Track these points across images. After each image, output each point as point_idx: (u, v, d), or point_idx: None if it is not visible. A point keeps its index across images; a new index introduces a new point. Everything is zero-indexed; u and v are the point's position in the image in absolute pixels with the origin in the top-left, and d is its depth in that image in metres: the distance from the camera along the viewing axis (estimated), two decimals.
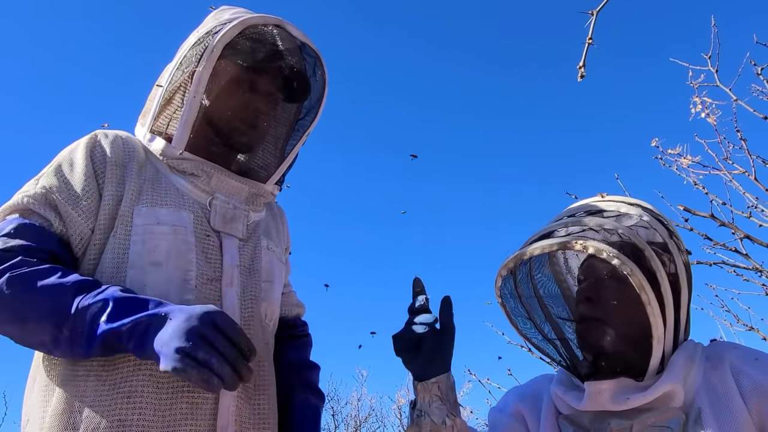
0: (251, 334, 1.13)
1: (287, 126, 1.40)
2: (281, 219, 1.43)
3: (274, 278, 1.26)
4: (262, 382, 1.15)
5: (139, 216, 1.11)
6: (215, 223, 1.18)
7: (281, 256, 1.35)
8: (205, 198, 1.20)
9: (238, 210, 1.23)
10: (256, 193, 1.28)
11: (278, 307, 1.30)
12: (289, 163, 1.36)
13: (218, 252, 1.16)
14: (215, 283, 1.13)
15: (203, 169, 1.20)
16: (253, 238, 1.25)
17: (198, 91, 1.18)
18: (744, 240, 2.83)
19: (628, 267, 0.99)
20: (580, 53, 1.05)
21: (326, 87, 1.35)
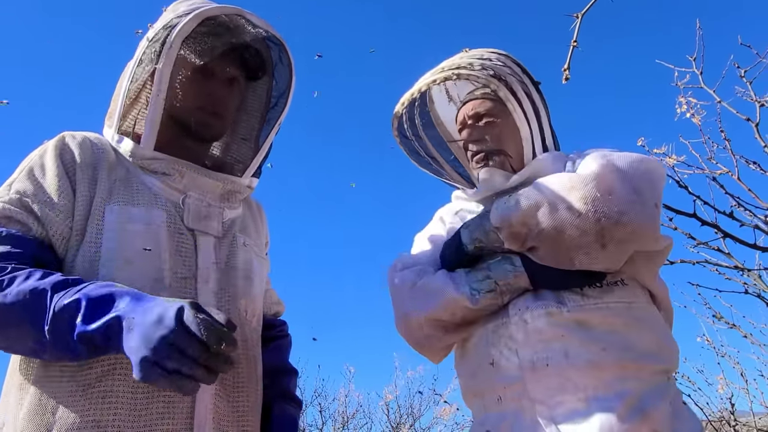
0: None
1: (258, 115, 1.38)
2: (260, 215, 1.42)
3: (252, 274, 1.25)
4: (241, 379, 1.14)
5: (111, 214, 1.10)
6: (189, 221, 1.17)
7: (260, 251, 1.34)
8: (178, 196, 1.18)
9: (212, 207, 1.22)
10: (232, 190, 1.27)
11: (260, 303, 1.29)
12: (264, 153, 1.34)
13: (192, 250, 1.15)
14: (190, 281, 1.11)
15: (175, 168, 1.18)
16: (229, 235, 1.24)
17: (161, 89, 1.16)
18: (726, 239, 2.87)
19: (494, 84, 1.33)
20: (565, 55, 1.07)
21: (293, 73, 1.34)
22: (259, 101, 1.39)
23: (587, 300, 1.14)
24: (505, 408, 1.13)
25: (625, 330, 1.12)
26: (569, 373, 1.07)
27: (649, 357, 1.12)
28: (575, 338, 1.10)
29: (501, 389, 1.13)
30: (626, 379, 1.08)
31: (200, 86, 1.23)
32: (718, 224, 2.56)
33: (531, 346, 1.11)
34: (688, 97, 3.41)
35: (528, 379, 1.09)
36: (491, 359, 1.16)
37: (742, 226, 2.63)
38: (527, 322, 1.13)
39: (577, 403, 1.06)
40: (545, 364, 1.09)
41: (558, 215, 1.11)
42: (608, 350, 1.09)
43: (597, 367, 1.08)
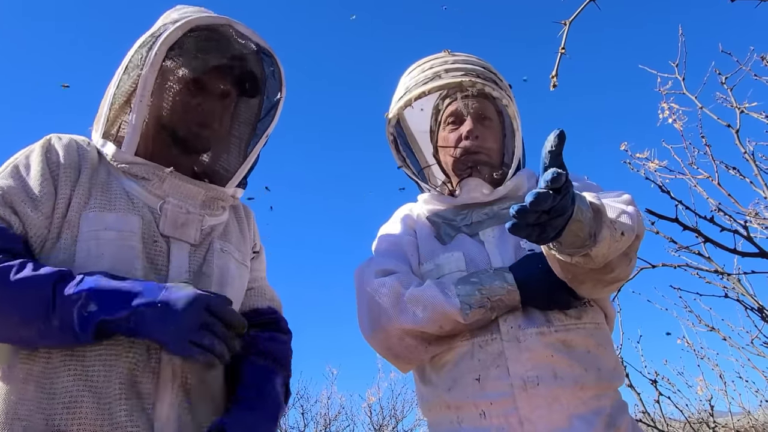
0: None
1: (247, 126, 1.38)
2: (248, 220, 1.41)
3: (227, 282, 1.23)
4: (205, 388, 1.13)
5: (86, 222, 1.09)
6: (164, 227, 1.16)
7: (243, 257, 1.32)
8: (156, 202, 1.18)
9: (191, 215, 1.21)
10: (214, 197, 1.26)
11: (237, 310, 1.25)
12: (250, 164, 1.34)
13: (166, 258, 1.14)
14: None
15: (155, 173, 1.18)
16: (206, 242, 1.23)
17: (144, 94, 1.16)
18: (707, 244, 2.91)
19: (505, 99, 1.35)
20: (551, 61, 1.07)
21: (283, 86, 1.34)
22: (248, 113, 1.39)
23: (569, 320, 1.17)
24: (488, 424, 1.13)
25: (597, 350, 1.18)
26: (557, 393, 1.10)
27: (614, 375, 1.19)
28: (562, 358, 1.13)
29: (486, 405, 1.14)
30: (601, 396, 1.15)
31: (191, 98, 1.23)
32: (699, 229, 2.59)
33: (522, 364, 1.12)
34: (671, 102, 3.45)
35: (518, 396, 1.10)
36: (477, 375, 1.15)
37: (723, 231, 2.67)
38: (520, 340, 1.14)
39: (561, 421, 1.10)
40: (536, 384, 1.10)
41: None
42: (589, 370, 1.14)
43: (581, 387, 1.12)
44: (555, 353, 1.13)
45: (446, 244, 1.33)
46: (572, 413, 1.10)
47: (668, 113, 3.45)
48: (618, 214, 1.02)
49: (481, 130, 1.39)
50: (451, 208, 1.41)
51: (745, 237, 2.68)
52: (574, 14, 1.04)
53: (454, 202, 1.40)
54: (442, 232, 1.37)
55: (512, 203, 1.32)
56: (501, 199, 1.35)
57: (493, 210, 1.35)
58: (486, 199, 1.36)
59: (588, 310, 1.21)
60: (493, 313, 1.16)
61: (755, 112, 3.11)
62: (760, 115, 3.11)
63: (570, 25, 1.03)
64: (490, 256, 1.25)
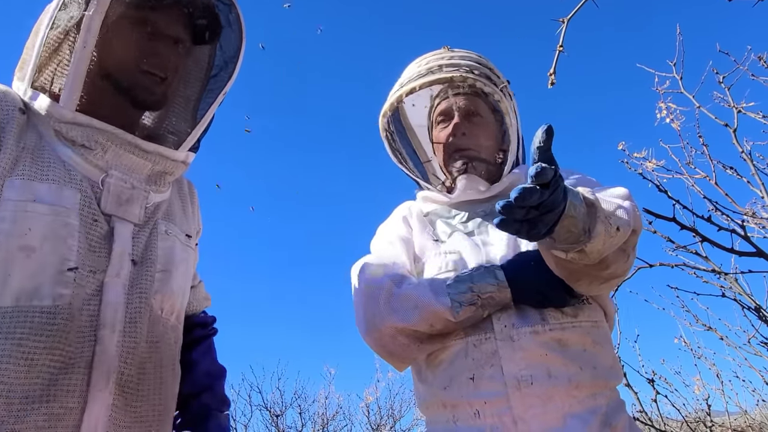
0: (137, 332, 1.00)
1: (200, 82, 1.22)
2: (191, 198, 1.28)
3: (172, 267, 1.11)
4: (146, 386, 1.01)
5: (12, 189, 0.93)
6: (106, 205, 1.02)
7: (188, 240, 1.19)
8: (98, 174, 1.02)
9: (136, 190, 1.06)
10: (162, 171, 1.11)
11: (182, 298, 1.16)
12: (205, 125, 1.18)
13: (106, 239, 1.00)
14: (99, 275, 0.98)
15: (98, 141, 1.01)
16: (151, 223, 1.09)
17: (88, 40, 0.99)
18: (704, 243, 2.91)
19: (498, 95, 1.33)
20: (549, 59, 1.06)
21: (244, 38, 1.19)
22: (202, 64, 1.22)
23: (565, 318, 1.16)
24: (482, 423, 1.13)
25: (593, 348, 1.17)
26: (551, 392, 1.10)
27: (611, 374, 1.19)
28: (556, 357, 1.12)
29: (480, 404, 1.13)
30: (597, 395, 1.14)
31: (143, 44, 1.07)
32: (697, 228, 2.59)
33: (516, 363, 1.12)
34: (668, 102, 3.45)
35: (512, 396, 1.10)
36: (471, 374, 1.15)
37: (720, 230, 2.67)
38: (514, 339, 1.13)
39: (555, 421, 1.09)
40: (530, 383, 1.10)
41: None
42: (584, 369, 1.13)
43: (576, 386, 1.12)
44: (549, 352, 1.12)
45: (441, 242, 1.33)
46: (567, 412, 1.10)
47: (666, 113, 3.45)
48: (614, 209, 1.00)
49: (469, 126, 1.38)
50: (447, 206, 1.41)
51: (742, 236, 2.68)
52: (572, 12, 1.03)
53: (450, 199, 1.39)
54: (438, 230, 1.36)
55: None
56: (498, 195, 1.35)
57: (489, 207, 1.34)
58: (481, 196, 1.36)
59: (585, 308, 1.20)
60: (484, 311, 1.15)
61: (753, 112, 3.11)
62: (757, 115, 3.12)
63: (568, 22, 1.03)
64: (486, 254, 1.25)
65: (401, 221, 1.44)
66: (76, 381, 0.91)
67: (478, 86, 1.33)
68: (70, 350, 0.91)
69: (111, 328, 0.96)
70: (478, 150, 1.37)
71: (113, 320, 0.96)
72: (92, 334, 0.94)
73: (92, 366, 0.93)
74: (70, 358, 0.91)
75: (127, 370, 0.97)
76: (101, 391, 0.92)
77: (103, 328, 0.95)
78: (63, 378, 0.90)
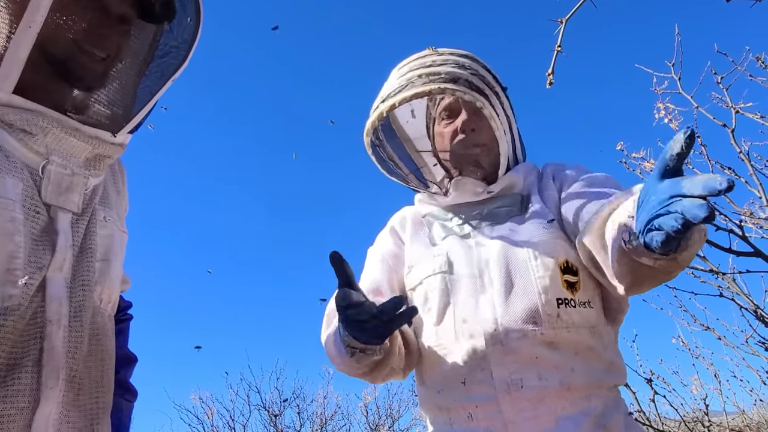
0: (81, 326, 0.96)
1: (145, 64, 1.15)
2: (121, 177, 1.22)
3: (111, 255, 1.06)
4: (90, 379, 0.98)
5: None
6: (47, 194, 0.96)
7: (122, 225, 1.15)
8: (38, 162, 0.96)
9: (76, 177, 1.00)
10: (101, 154, 1.05)
11: (117, 285, 1.11)
12: (148, 110, 1.12)
13: (48, 231, 0.95)
14: (43, 271, 0.92)
15: (38, 124, 0.95)
16: (89, 210, 1.03)
17: (36, 19, 0.91)
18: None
19: (480, 102, 1.28)
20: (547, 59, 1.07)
21: (200, 24, 1.12)
22: (152, 48, 1.16)
23: (561, 322, 1.14)
24: (475, 426, 1.13)
25: (588, 350, 1.15)
26: (542, 395, 1.09)
27: (608, 375, 1.17)
28: (547, 360, 1.11)
29: (472, 407, 1.13)
30: (590, 397, 1.13)
31: (84, 19, 1.00)
32: None
33: (506, 367, 1.11)
34: (666, 102, 3.46)
35: (502, 400, 1.10)
36: (463, 378, 1.14)
37: (718, 230, 2.68)
38: (503, 343, 1.12)
39: (547, 423, 1.09)
40: (520, 386, 1.09)
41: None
42: (576, 371, 1.12)
43: (568, 389, 1.11)
44: (540, 355, 1.11)
45: (435, 244, 1.32)
46: (559, 415, 1.09)
47: (664, 113, 3.45)
48: None
49: (477, 122, 1.34)
50: (443, 208, 1.39)
51: (740, 236, 2.69)
52: (571, 12, 1.04)
53: (445, 202, 1.37)
54: (434, 232, 1.35)
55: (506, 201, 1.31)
56: (494, 197, 1.33)
57: (486, 208, 1.33)
58: (477, 198, 1.34)
59: (585, 311, 1.18)
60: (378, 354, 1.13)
61: (750, 113, 3.12)
62: (755, 116, 3.12)
63: (566, 23, 1.03)
64: (478, 254, 1.24)
65: (389, 234, 1.43)
66: (26, 380, 0.87)
67: (457, 95, 1.28)
68: (16, 350, 0.87)
69: (57, 324, 0.92)
70: (487, 146, 1.35)
71: (58, 315, 0.92)
72: (38, 331, 0.90)
73: (41, 363, 0.89)
74: (17, 358, 0.87)
75: (74, 365, 0.94)
76: (52, 389, 0.89)
77: (50, 324, 0.91)
78: (11, 378, 0.86)
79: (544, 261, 1.18)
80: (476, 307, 1.18)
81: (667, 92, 3.43)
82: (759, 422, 5.20)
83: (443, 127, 1.40)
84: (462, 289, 1.21)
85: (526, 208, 1.30)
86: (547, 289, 1.15)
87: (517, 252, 1.21)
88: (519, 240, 1.23)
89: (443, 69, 1.32)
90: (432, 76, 1.31)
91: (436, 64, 1.34)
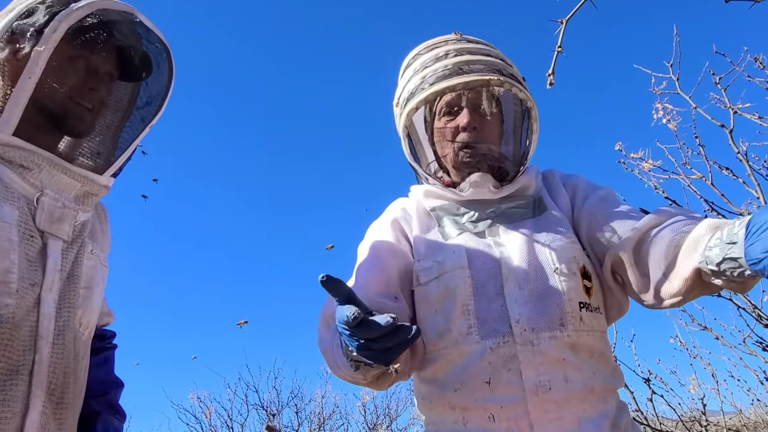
0: (64, 345, 1.08)
1: (127, 115, 1.32)
2: (105, 218, 1.36)
3: (94, 284, 1.20)
4: (68, 395, 1.09)
5: None
6: (41, 222, 1.09)
7: (104, 260, 1.29)
8: (33, 193, 1.10)
9: (66, 209, 1.15)
10: (89, 192, 1.20)
11: (96, 314, 1.24)
12: (129, 154, 1.28)
13: (41, 255, 1.08)
14: (35, 288, 1.05)
15: (34, 161, 1.09)
16: (78, 241, 1.17)
17: (34, 71, 1.07)
18: None
19: (530, 101, 1.30)
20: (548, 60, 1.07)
21: (172, 79, 1.31)
22: (131, 102, 1.34)
23: (582, 325, 1.17)
24: (496, 426, 1.12)
25: (601, 355, 1.19)
26: (568, 397, 1.10)
27: (614, 378, 1.20)
28: (572, 362, 1.13)
29: (496, 408, 1.12)
30: (606, 399, 1.16)
31: (77, 76, 1.16)
32: None
33: (535, 368, 1.11)
34: (665, 103, 3.46)
35: (530, 401, 1.10)
36: (488, 377, 1.13)
37: None
38: (533, 344, 1.12)
39: (570, 425, 1.10)
40: (548, 388, 1.10)
41: None
42: (596, 374, 1.15)
43: (590, 391, 1.13)
44: (566, 357, 1.12)
45: (449, 240, 1.28)
46: (582, 417, 1.11)
47: (662, 113, 3.46)
48: None
49: (480, 120, 1.32)
50: (453, 203, 1.34)
51: None
52: (571, 13, 1.04)
53: (460, 196, 1.32)
54: (446, 227, 1.31)
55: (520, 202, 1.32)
56: (509, 197, 1.32)
57: (500, 208, 1.30)
58: (493, 196, 1.31)
59: (597, 316, 1.22)
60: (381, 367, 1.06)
61: (748, 113, 3.13)
62: (753, 116, 3.13)
63: (566, 23, 1.04)
64: (500, 254, 1.22)
65: (389, 226, 1.37)
66: (21, 387, 0.99)
67: (513, 92, 1.28)
68: (15, 358, 0.99)
69: (46, 340, 1.04)
70: (489, 146, 1.33)
71: (47, 332, 1.05)
72: (32, 345, 1.03)
73: (32, 374, 1.01)
74: (16, 366, 0.99)
75: (54, 379, 1.06)
76: (38, 398, 1.01)
77: (41, 339, 1.04)
78: (10, 384, 0.98)
79: (568, 265, 1.20)
80: (501, 306, 1.16)
81: (666, 92, 3.44)
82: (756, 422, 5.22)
83: (444, 123, 1.37)
84: (483, 287, 1.19)
85: (540, 211, 1.31)
86: (572, 291, 1.17)
87: (539, 254, 1.21)
88: (540, 242, 1.23)
89: (490, 60, 1.31)
90: (482, 65, 1.29)
91: (478, 52, 1.32)
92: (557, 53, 1.01)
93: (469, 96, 1.31)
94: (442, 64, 1.30)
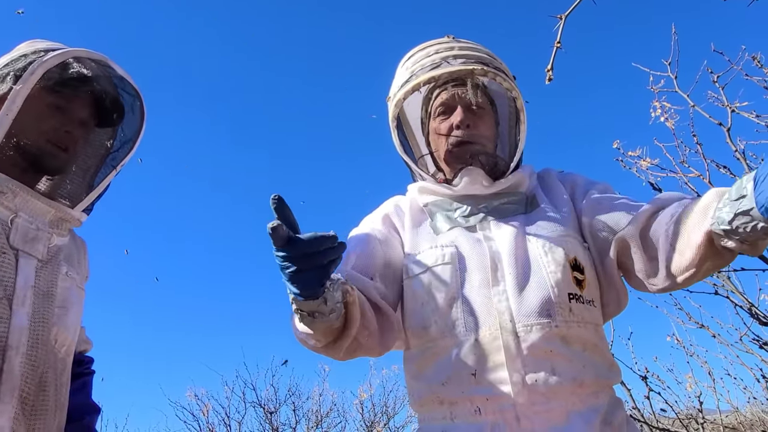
0: (37, 356, 1.14)
1: (100, 154, 1.43)
2: (83, 250, 1.44)
3: (69, 305, 1.26)
4: (43, 406, 1.15)
5: None
6: (14, 240, 1.17)
7: (81, 283, 1.36)
8: (8, 215, 1.18)
9: (41, 231, 1.23)
10: (62, 218, 1.29)
11: (73, 334, 1.29)
12: (101, 191, 1.39)
13: (13, 270, 1.15)
14: (4, 301, 1.11)
15: (9, 187, 1.18)
16: (54, 262, 1.25)
17: (11, 109, 1.18)
18: None
19: (515, 91, 1.33)
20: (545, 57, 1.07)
21: (144, 123, 1.42)
22: (103, 140, 1.45)
23: (571, 316, 1.15)
24: (483, 419, 1.11)
25: (594, 348, 1.18)
26: (555, 389, 1.09)
27: (609, 373, 1.19)
28: (560, 354, 1.12)
29: (482, 400, 1.12)
30: (598, 393, 1.15)
31: (53, 120, 1.26)
32: None
33: (521, 360, 1.10)
34: (663, 101, 3.46)
35: (517, 393, 1.09)
36: (473, 369, 1.13)
37: None
38: (519, 335, 1.12)
39: (559, 418, 1.09)
40: (535, 380, 1.09)
41: None
42: (587, 367, 1.14)
43: (580, 384, 1.12)
44: (554, 348, 1.11)
45: (439, 234, 1.30)
46: (570, 410, 1.10)
47: (660, 111, 3.46)
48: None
49: (473, 118, 1.35)
50: (446, 198, 1.36)
51: None
52: (570, 8, 1.04)
53: (452, 191, 1.34)
54: (438, 222, 1.33)
55: (512, 198, 1.33)
56: (501, 192, 1.34)
57: (492, 204, 1.32)
58: (485, 192, 1.33)
59: (591, 309, 1.20)
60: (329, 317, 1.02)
61: (746, 112, 3.13)
62: (750, 115, 3.14)
63: (565, 19, 1.04)
64: (489, 248, 1.23)
65: (380, 220, 1.38)
66: None
67: (498, 81, 1.32)
68: None
69: (16, 350, 1.10)
70: (482, 143, 1.35)
71: (18, 343, 1.10)
72: (2, 355, 1.08)
73: (1, 382, 1.07)
74: None
75: (26, 388, 1.11)
76: (7, 404, 1.07)
77: (10, 349, 1.09)
78: None
79: (554, 256, 1.20)
80: (489, 299, 1.17)
81: (664, 91, 3.44)
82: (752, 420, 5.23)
83: (439, 122, 1.40)
84: (472, 280, 1.20)
85: (532, 207, 1.32)
86: (559, 283, 1.17)
87: (528, 247, 1.22)
88: (529, 236, 1.24)
89: (476, 54, 1.35)
90: (468, 59, 1.33)
91: (466, 48, 1.37)
92: (556, 49, 1.01)
93: (462, 95, 1.34)
94: (430, 59, 1.35)
